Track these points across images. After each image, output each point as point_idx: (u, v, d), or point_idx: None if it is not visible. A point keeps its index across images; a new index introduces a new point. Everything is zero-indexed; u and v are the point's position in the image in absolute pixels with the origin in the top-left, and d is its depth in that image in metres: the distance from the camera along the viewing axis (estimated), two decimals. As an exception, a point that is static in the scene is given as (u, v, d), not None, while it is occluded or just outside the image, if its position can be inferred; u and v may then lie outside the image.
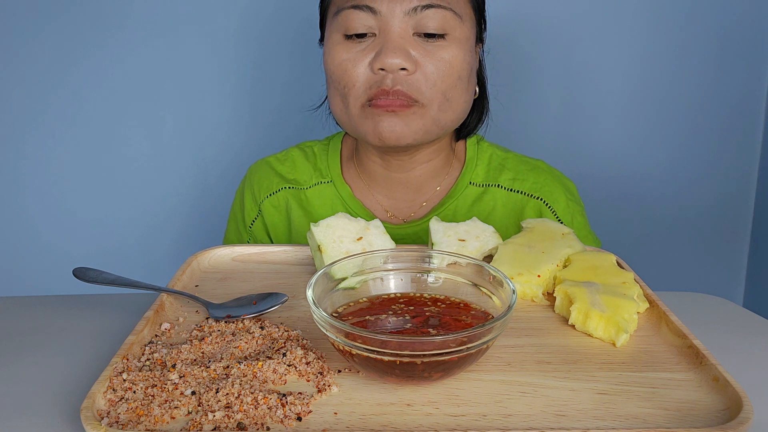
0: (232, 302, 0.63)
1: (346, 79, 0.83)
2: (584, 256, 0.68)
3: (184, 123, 1.40)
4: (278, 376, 0.51)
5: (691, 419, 0.47)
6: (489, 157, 0.97)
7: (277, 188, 0.98)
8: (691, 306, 0.69)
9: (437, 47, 0.82)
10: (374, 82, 0.82)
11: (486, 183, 0.95)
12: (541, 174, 0.95)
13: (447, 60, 0.82)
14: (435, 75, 0.82)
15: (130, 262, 1.44)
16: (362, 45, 0.82)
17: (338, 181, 0.96)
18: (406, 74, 0.81)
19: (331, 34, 0.85)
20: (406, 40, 0.81)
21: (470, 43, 0.85)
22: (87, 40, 1.34)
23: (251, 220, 0.99)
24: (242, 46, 1.37)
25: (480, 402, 0.49)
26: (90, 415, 0.45)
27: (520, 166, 0.96)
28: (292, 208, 0.97)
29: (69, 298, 0.71)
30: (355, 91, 0.83)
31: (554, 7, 1.36)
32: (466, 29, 0.84)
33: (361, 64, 0.82)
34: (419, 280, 0.60)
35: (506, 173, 0.95)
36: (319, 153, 0.99)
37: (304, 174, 0.98)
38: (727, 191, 1.48)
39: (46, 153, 1.39)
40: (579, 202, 0.96)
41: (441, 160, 0.94)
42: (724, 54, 1.39)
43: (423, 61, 0.81)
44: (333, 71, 0.84)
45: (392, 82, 0.80)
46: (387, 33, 0.81)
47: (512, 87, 1.39)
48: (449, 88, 0.83)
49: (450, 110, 0.85)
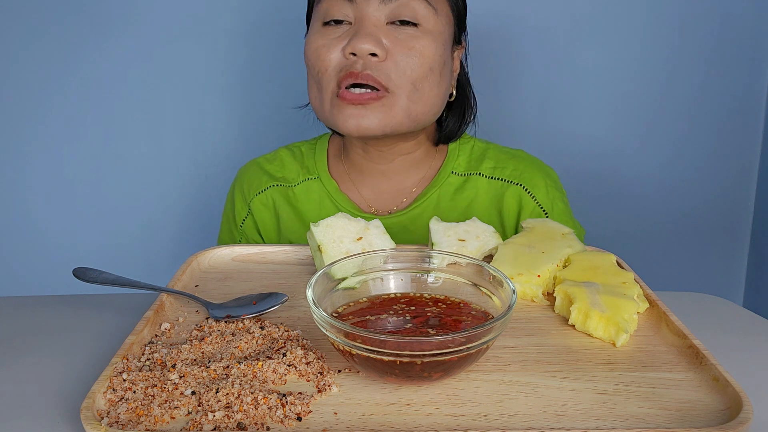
0: (232, 302, 0.63)
1: (319, 65, 0.85)
2: (584, 256, 0.68)
3: (183, 123, 1.40)
4: (278, 376, 0.51)
5: (691, 419, 0.47)
6: (471, 148, 0.98)
7: (265, 186, 0.99)
8: (691, 306, 0.69)
9: (410, 36, 0.83)
10: (345, 66, 0.83)
11: (467, 172, 0.96)
12: (521, 162, 0.97)
13: (418, 49, 0.83)
14: (405, 63, 0.83)
15: (130, 262, 1.44)
16: (338, 32, 0.84)
17: (325, 177, 0.98)
18: (377, 61, 0.82)
19: (313, 24, 0.88)
20: (378, 28, 0.83)
21: (444, 38, 0.86)
22: (87, 41, 1.34)
23: (242, 219, 1.00)
24: (241, 45, 1.37)
25: (480, 402, 0.49)
26: (90, 415, 0.45)
27: (500, 155, 0.98)
28: (280, 205, 0.98)
29: (69, 298, 0.71)
30: (327, 75, 0.84)
31: (552, 5, 1.36)
32: (440, 24, 0.85)
33: (335, 50, 0.84)
34: (419, 280, 0.60)
35: (487, 162, 0.97)
36: (306, 152, 1.01)
37: (291, 172, 1.00)
38: (727, 191, 1.48)
39: (46, 153, 1.39)
40: (560, 189, 0.98)
41: (422, 152, 0.96)
42: (724, 53, 1.39)
43: (394, 50, 0.83)
44: (309, 57, 0.87)
45: (362, 67, 0.82)
46: (361, 20, 0.83)
47: (508, 86, 1.39)
48: (419, 78, 0.84)
49: (420, 102, 0.85)
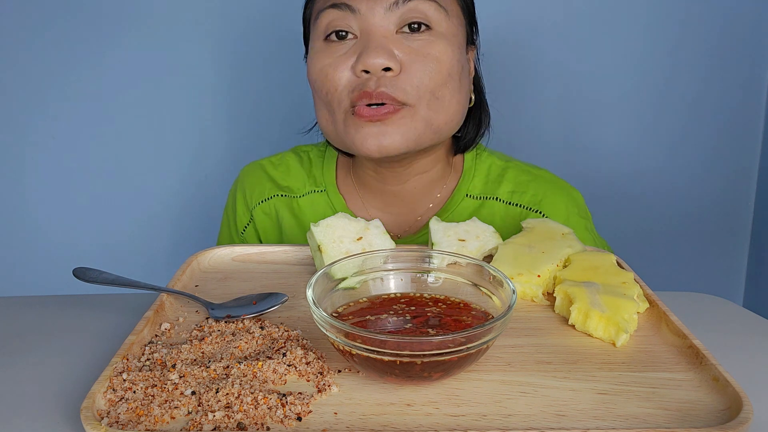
0: (232, 302, 0.63)
1: (328, 85, 0.78)
2: (584, 256, 0.68)
3: (183, 122, 1.41)
4: (278, 376, 0.51)
5: (691, 419, 0.47)
6: (488, 168, 0.91)
7: (269, 195, 0.95)
8: (691, 306, 0.69)
9: (423, 43, 0.77)
10: (357, 85, 0.76)
11: (483, 195, 0.89)
12: (543, 185, 0.89)
13: (434, 56, 0.76)
14: (422, 73, 0.76)
15: (130, 262, 1.44)
16: (343, 48, 0.77)
17: (332, 191, 0.92)
18: (392, 75, 0.75)
19: (313, 42, 0.81)
20: (389, 39, 0.76)
21: (458, 40, 0.80)
22: (86, 41, 1.34)
23: (243, 226, 0.96)
24: (241, 43, 1.37)
25: (480, 402, 0.49)
26: (90, 415, 0.45)
27: (520, 176, 0.90)
28: (284, 216, 0.94)
29: (69, 298, 0.71)
30: (338, 95, 0.77)
31: (551, 6, 1.36)
32: (452, 25, 0.79)
33: (343, 68, 0.77)
34: (419, 280, 0.60)
35: (505, 185, 0.89)
36: (315, 159, 0.95)
37: (297, 181, 0.95)
38: (727, 191, 1.48)
39: (45, 153, 1.39)
40: (583, 215, 0.90)
41: (438, 171, 0.89)
42: (724, 53, 1.39)
43: (408, 61, 0.76)
44: (315, 79, 0.79)
45: (375, 84, 0.75)
46: (368, 33, 0.76)
47: (508, 86, 1.39)
48: (438, 85, 0.77)
49: (442, 110, 0.79)
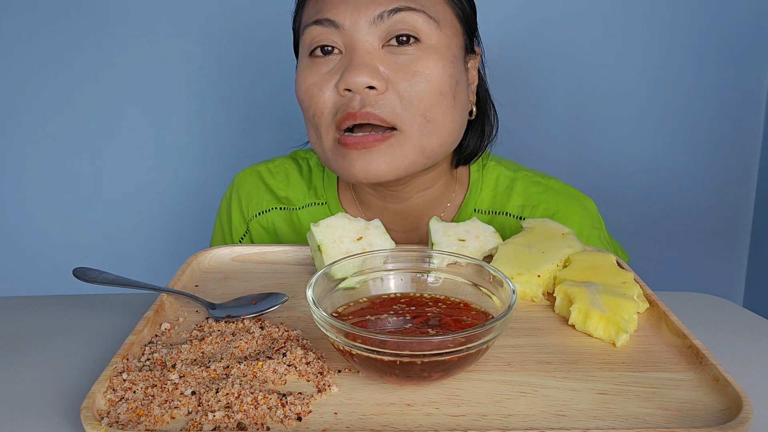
0: (232, 302, 0.63)
1: (314, 107, 0.74)
2: (584, 256, 0.68)
3: (183, 122, 1.41)
4: (278, 376, 0.51)
5: (691, 419, 0.47)
6: (495, 179, 0.87)
7: (267, 208, 0.91)
8: (691, 306, 0.69)
9: (411, 59, 0.71)
10: (341, 105, 0.72)
11: (493, 210, 0.85)
12: (554, 196, 0.86)
13: (423, 74, 0.71)
14: (410, 92, 0.71)
15: (130, 262, 1.44)
16: (329, 65, 0.73)
17: (333, 204, 0.88)
18: (376, 94, 0.71)
19: (301, 57, 0.78)
20: (373, 56, 0.71)
21: (452, 52, 0.74)
22: (86, 41, 1.34)
23: (239, 237, 0.94)
24: (241, 43, 1.37)
25: (480, 402, 0.49)
26: (90, 415, 0.45)
27: (530, 188, 0.86)
28: (282, 231, 0.91)
29: (69, 298, 0.71)
30: (324, 119, 0.74)
31: (552, 8, 1.36)
32: (445, 37, 0.74)
33: (327, 87, 0.73)
34: (419, 280, 0.60)
35: (515, 198, 0.85)
36: (315, 168, 0.91)
37: (297, 192, 0.91)
38: (727, 191, 1.48)
39: (45, 154, 1.39)
40: (596, 225, 0.87)
41: (441, 186, 0.84)
42: (724, 53, 1.39)
43: (395, 78, 0.71)
44: (302, 98, 0.76)
45: (360, 104, 0.70)
46: (352, 49, 0.72)
47: (510, 89, 1.39)
48: (429, 107, 0.72)
49: (435, 134, 0.73)
